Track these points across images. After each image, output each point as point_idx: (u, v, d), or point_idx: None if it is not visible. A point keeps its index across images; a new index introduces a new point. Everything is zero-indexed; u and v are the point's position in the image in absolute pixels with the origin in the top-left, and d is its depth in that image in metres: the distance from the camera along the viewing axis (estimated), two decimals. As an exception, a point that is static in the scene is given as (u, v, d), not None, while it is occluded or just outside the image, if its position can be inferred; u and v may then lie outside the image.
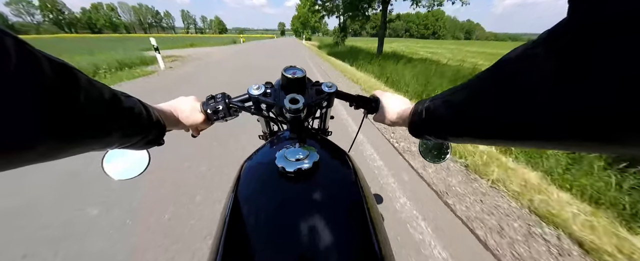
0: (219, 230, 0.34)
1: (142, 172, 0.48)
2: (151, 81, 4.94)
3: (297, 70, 0.52)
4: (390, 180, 1.71)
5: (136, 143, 0.34)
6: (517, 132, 0.22)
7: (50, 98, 0.18)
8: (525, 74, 0.19)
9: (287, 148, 0.40)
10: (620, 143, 0.16)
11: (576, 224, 1.31)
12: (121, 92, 0.29)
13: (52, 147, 0.20)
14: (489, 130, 0.25)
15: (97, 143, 0.26)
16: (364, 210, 0.34)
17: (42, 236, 1.17)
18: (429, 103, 0.37)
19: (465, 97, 0.28)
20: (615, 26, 0.13)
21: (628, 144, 0.15)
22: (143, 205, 1.37)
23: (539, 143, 0.21)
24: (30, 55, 0.17)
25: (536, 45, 0.19)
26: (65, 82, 0.20)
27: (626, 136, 0.15)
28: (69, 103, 0.20)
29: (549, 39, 0.18)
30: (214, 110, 0.51)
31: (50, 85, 0.18)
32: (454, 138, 0.33)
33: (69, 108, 0.20)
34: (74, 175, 1.62)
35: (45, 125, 0.18)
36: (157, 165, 1.34)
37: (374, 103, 0.58)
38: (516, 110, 0.21)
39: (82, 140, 0.23)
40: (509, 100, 0.21)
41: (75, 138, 0.22)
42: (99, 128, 0.25)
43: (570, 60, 0.16)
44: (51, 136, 0.19)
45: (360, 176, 0.42)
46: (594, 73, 0.14)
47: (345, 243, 0.29)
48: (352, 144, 0.75)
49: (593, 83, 0.15)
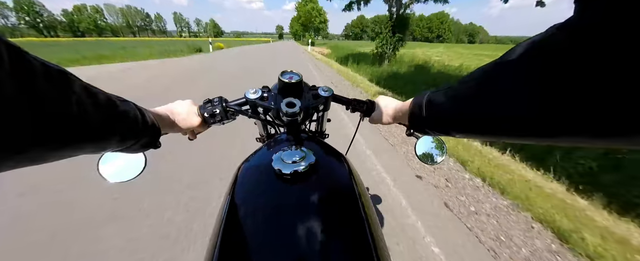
0: (215, 231, 0.34)
1: (138, 174, 0.48)
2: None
3: (294, 74, 0.54)
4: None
5: (131, 146, 0.34)
6: (524, 126, 0.22)
7: (41, 103, 0.18)
8: (532, 68, 0.20)
9: (283, 151, 0.40)
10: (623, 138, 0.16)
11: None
12: (117, 97, 0.30)
13: (44, 151, 0.20)
14: (495, 124, 0.25)
15: (92, 147, 0.26)
16: (360, 212, 0.34)
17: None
18: (430, 96, 0.36)
19: (471, 91, 0.28)
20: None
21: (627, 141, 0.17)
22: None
23: (544, 139, 0.22)
24: (23, 61, 0.17)
25: (544, 40, 0.19)
26: (58, 88, 0.20)
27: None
28: (62, 108, 0.20)
29: (558, 34, 0.18)
30: (211, 113, 0.52)
31: (42, 91, 0.18)
32: (457, 133, 0.32)
33: (62, 114, 0.20)
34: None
35: (36, 130, 0.19)
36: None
37: (369, 106, 0.60)
38: (522, 104, 0.21)
39: (75, 145, 0.23)
40: (514, 94, 0.21)
41: (67, 143, 0.22)
42: (93, 132, 0.25)
43: (579, 57, 0.16)
44: (42, 141, 0.19)
45: (357, 178, 0.42)
46: (598, 72, 0.15)
47: (341, 245, 0.30)
48: (349, 147, 0.74)
49: (596, 82, 0.15)
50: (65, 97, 0.21)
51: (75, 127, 0.22)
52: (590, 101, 0.16)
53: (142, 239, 1.30)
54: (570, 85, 0.17)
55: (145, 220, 1.43)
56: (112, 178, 0.46)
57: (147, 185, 1.67)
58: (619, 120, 0.15)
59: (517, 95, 0.21)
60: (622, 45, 0.14)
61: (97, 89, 0.26)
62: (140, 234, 1.33)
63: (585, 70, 0.16)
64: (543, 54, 0.19)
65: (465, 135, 0.32)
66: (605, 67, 0.15)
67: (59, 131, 0.21)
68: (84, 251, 1.22)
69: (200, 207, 1.54)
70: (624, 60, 0.14)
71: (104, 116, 0.26)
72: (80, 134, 0.23)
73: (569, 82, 0.17)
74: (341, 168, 0.44)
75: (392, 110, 0.53)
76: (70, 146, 0.23)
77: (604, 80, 0.15)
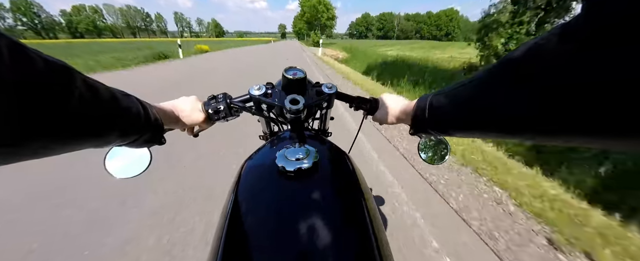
0: (219, 228, 0.34)
1: (143, 170, 0.49)
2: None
3: (297, 71, 0.54)
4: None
5: (134, 141, 0.34)
6: (523, 126, 0.22)
7: (43, 98, 0.19)
8: (533, 69, 0.20)
9: (287, 148, 0.40)
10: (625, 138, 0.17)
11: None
12: (120, 91, 0.30)
13: (45, 145, 0.21)
14: (495, 124, 0.25)
15: (94, 142, 0.27)
16: (363, 210, 0.34)
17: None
18: (431, 99, 0.37)
19: (472, 91, 0.28)
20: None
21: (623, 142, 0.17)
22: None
23: (547, 138, 0.22)
24: (24, 56, 0.18)
25: (547, 41, 0.19)
26: (60, 83, 0.20)
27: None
28: (63, 103, 0.20)
29: (561, 35, 0.18)
30: (215, 110, 0.52)
31: (44, 86, 0.19)
32: (457, 132, 0.34)
33: (63, 108, 0.21)
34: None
35: (37, 124, 0.19)
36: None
37: (373, 104, 0.60)
38: (524, 104, 0.21)
39: (77, 139, 0.24)
40: (517, 93, 0.22)
41: (69, 137, 0.23)
42: (95, 127, 0.25)
43: (582, 56, 0.16)
44: (43, 135, 0.20)
45: (360, 176, 0.43)
46: (602, 71, 0.15)
47: (344, 243, 0.30)
48: (352, 145, 0.72)
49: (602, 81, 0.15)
50: (66, 91, 0.21)
51: (76, 122, 0.22)
52: (588, 103, 0.16)
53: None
54: (569, 86, 0.17)
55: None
56: (118, 174, 0.48)
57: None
58: (617, 121, 0.16)
59: (518, 95, 0.22)
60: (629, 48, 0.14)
61: (99, 84, 0.26)
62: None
63: (587, 73, 0.16)
64: (544, 55, 0.20)
65: (466, 135, 0.33)
66: (610, 69, 0.15)
67: (62, 124, 0.21)
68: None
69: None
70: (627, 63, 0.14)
71: (105, 111, 0.26)
72: (81, 129, 0.23)
73: (569, 82, 0.17)
74: (345, 167, 0.44)
75: (396, 112, 0.53)
76: (71, 140, 0.23)
77: (604, 82, 0.15)
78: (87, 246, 1.31)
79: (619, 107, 0.15)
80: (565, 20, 0.19)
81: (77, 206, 1.58)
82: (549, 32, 0.20)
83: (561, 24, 0.19)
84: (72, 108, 0.21)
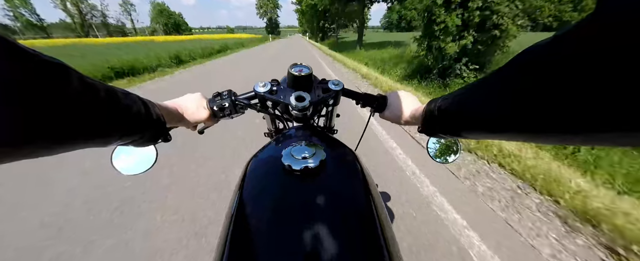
0: (225, 227, 0.34)
1: (150, 167, 0.49)
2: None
3: (303, 67, 0.53)
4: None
5: (136, 140, 0.34)
6: (534, 126, 0.22)
7: (39, 97, 0.18)
8: (546, 69, 0.19)
9: (293, 146, 0.39)
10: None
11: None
12: (120, 90, 0.29)
13: (43, 145, 0.21)
14: (505, 125, 0.25)
15: (94, 141, 0.26)
16: (372, 209, 0.34)
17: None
18: (441, 102, 0.37)
19: (481, 93, 0.28)
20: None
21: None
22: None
23: (557, 138, 0.22)
24: (20, 55, 0.17)
25: (558, 41, 0.19)
26: (57, 82, 0.20)
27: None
28: (61, 102, 0.20)
29: (573, 37, 0.18)
30: (220, 107, 0.52)
31: (40, 85, 0.18)
32: (468, 134, 0.33)
33: (60, 108, 0.20)
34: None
35: (33, 125, 0.19)
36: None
37: (380, 102, 0.58)
38: (536, 105, 0.21)
39: (77, 139, 0.24)
40: (526, 95, 0.21)
41: (68, 137, 0.22)
42: (94, 127, 0.25)
43: (597, 59, 0.16)
44: (40, 135, 0.19)
45: (368, 175, 0.42)
46: (612, 72, 0.15)
47: (352, 242, 0.29)
48: (359, 143, 0.71)
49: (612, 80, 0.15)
50: (62, 91, 0.20)
51: (73, 121, 0.22)
52: (613, 101, 0.16)
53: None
54: (589, 85, 0.16)
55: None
56: (125, 171, 0.48)
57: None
58: (616, 122, 0.16)
59: (520, 95, 0.22)
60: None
61: (98, 83, 0.25)
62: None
63: (587, 76, 0.16)
64: (545, 57, 0.20)
65: (477, 137, 0.33)
66: (610, 74, 0.15)
67: (59, 124, 0.21)
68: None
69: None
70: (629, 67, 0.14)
71: (104, 110, 0.26)
72: (80, 128, 0.23)
73: (568, 84, 0.17)
74: (352, 165, 0.43)
75: (405, 114, 0.52)
76: (70, 140, 0.23)
77: (603, 84, 0.15)
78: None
79: (615, 105, 0.15)
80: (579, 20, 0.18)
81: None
82: (557, 34, 0.19)
83: (567, 27, 0.18)
84: (69, 107, 0.21)
